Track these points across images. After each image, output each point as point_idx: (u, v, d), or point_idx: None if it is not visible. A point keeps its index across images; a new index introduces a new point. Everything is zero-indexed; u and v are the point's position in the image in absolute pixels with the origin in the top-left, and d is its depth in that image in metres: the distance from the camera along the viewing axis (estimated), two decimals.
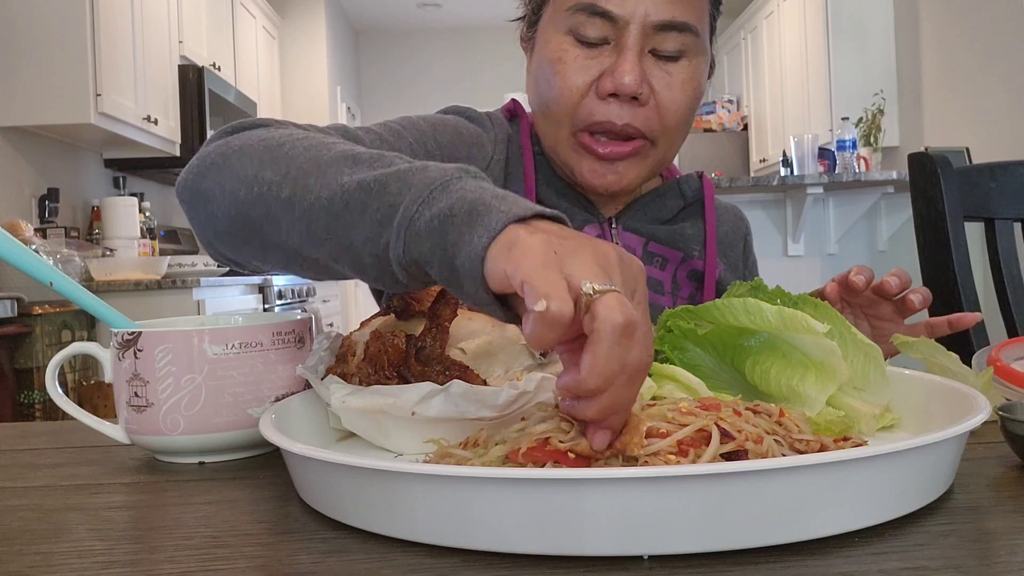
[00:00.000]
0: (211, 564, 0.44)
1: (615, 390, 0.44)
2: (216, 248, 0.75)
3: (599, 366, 0.43)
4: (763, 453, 0.47)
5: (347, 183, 0.59)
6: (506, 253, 0.47)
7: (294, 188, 0.62)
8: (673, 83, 0.91)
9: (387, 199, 0.56)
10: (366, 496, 0.47)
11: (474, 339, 0.65)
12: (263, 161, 0.67)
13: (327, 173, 0.61)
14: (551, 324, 0.43)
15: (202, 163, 0.73)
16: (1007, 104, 4.07)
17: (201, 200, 0.72)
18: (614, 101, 0.90)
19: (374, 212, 0.56)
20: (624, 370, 0.44)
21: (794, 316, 0.63)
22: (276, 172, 0.65)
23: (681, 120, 0.94)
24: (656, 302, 1.00)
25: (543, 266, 0.45)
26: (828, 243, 3.63)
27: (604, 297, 0.44)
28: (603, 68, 0.90)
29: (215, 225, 0.71)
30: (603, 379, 0.44)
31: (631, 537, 0.41)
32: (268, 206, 0.64)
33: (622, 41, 0.89)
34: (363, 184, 0.58)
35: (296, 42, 6.41)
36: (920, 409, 0.65)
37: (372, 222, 0.56)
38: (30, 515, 0.54)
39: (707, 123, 7.04)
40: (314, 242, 0.61)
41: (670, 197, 1.05)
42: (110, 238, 3.70)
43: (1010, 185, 1.36)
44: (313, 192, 0.61)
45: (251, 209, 0.66)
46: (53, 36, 3.24)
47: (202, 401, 0.66)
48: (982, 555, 0.42)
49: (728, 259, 1.10)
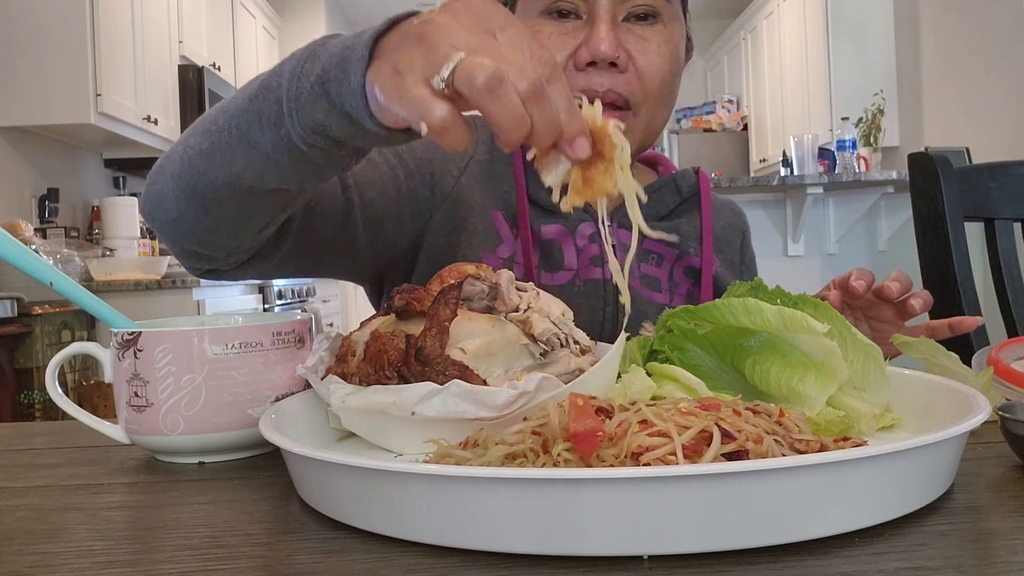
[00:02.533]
0: (211, 564, 0.44)
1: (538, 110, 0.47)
2: (182, 246, 0.79)
3: (504, 122, 0.46)
4: (763, 453, 0.47)
5: (240, 103, 0.63)
6: (371, 93, 0.51)
7: (207, 137, 0.67)
8: (649, 47, 0.92)
9: (271, 94, 0.59)
10: (366, 496, 0.47)
11: (474, 339, 0.65)
12: (185, 139, 0.71)
13: (228, 109, 0.66)
14: (443, 129, 0.47)
15: (150, 177, 0.77)
16: (1007, 104, 4.07)
17: (157, 204, 0.76)
18: (593, 70, 0.91)
19: (267, 112, 0.60)
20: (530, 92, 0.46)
21: (794, 316, 0.63)
22: (194, 135, 0.70)
23: (662, 84, 0.94)
24: (653, 299, 1.00)
25: (400, 95, 0.48)
26: (828, 243, 3.63)
27: (458, 72, 0.46)
28: (578, 42, 0.91)
29: (169, 215, 0.76)
30: (516, 124, 0.46)
31: (631, 537, 0.41)
32: (194, 164, 0.69)
33: (594, 12, 0.91)
34: (252, 96, 0.62)
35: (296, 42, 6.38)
36: (920, 409, 0.65)
37: (269, 121, 0.60)
38: (30, 515, 0.54)
39: (707, 123, 7.04)
40: (238, 171, 0.65)
41: (666, 193, 1.04)
42: (110, 238, 3.70)
43: (1010, 185, 1.36)
44: (222, 129, 0.65)
45: (186, 177, 0.70)
46: (53, 36, 3.24)
47: (202, 401, 0.66)
48: (982, 555, 0.42)
49: (725, 255, 1.10)
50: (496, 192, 0.98)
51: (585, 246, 0.98)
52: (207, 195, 0.70)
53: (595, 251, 0.98)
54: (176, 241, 0.79)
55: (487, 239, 0.95)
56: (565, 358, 0.67)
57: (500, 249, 0.95)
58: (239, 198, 0.69)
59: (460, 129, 0.47)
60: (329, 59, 0.55)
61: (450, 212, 0.95)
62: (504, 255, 0.95)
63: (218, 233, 0.76)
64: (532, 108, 0.46)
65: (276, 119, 0.59)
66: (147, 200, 0.78)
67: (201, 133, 0.68)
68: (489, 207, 0.97)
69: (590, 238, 0.98)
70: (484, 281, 0.69)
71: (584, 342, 0.70)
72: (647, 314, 0.96)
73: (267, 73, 0.63)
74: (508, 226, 0.97)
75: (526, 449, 0.50)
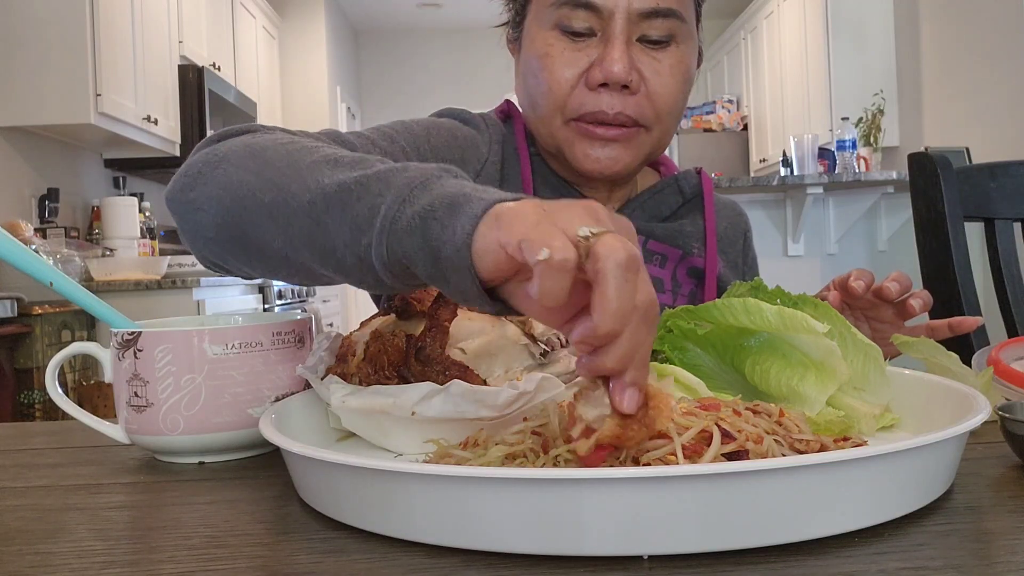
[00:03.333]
0: (211, 564, 0.44)
1: (631, 332, 0.42)
2: (205, 256, 0.74)
3: (611, 305, 0.41)
4: (763, 453, 0.47)
5: (327, 185, 0.58)
6: (495, 224, 0.47)
7: (276, 193, 0.62)
8: (662, 69, 0.91)
9: (367, 200, 0.55)
10: (366, 496, 0.47)
11: (474, 339, 0.65)
12: (246, 167, 0.66)
13: (308, 177, 0.61)
14: (558, 271, 0.42)
15: (188, 172, 0.72)
16: (1007, 104, 4.07)
17: (190, 209, 0.71)
18: (604, 91, 0.90)
19: (355, 214, 0.55)
20: (636, 308, 0.42)
21: (794, 316, 0.63)
22: (259, 177, 0.64)
23: (673, 106, 0.93)
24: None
25: (536, 224, 0.44)
26: (828, 243, 3.63)
27: (603, 237, 0.43)
28: (591, 60, 0.90)
29: (204, 233, 0.70)
30: (617, 319, 0.42)
31: (631, 537, 0.41)
32: (251, 212, 0.64)
33: (608, 31, 0.89)
34: (343, 186, 0.57)
35: (296, 42, 6.40)
36: (920, 409, 0.65)
37: (353, 224, 0.55)
38: (30, 515, 0.54)
39: (707, 123, 7.04)
40: (297, 246, 0.61)
41: (668, 194, 1.04)
42: (110, 238, 3.70)
43: (1010, 185, 1.36)
44: (295, 196, 0.60)
45: (235, 215, 0.65)
46: (53, 36, 3.24)
47: (202, 401, 0.66)
48: (982, 555, 0.42)
49: (728, 256, 1.10)
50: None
51: None
52: (253, 245, 0.65)
53: None
54: (200, 252, 0.74)
55: None
56: (565, 358, 0.67)
57: None
58: (286, 261, 0.64)
59: (563, 286, 0.42)
60: (440, 197, 0.52)
61: None
62: None
63: (249, 269, 0.71)
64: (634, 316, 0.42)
65: (363, 226, 0.55)
66: (179, 201, 0.72)
67: (263, 177, 0.64)
68: None
69: None
70: None
71: None
72: None
73: (369, 168, 0.58)
74: None
75: (526, 449, 0.50)
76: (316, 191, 0.59)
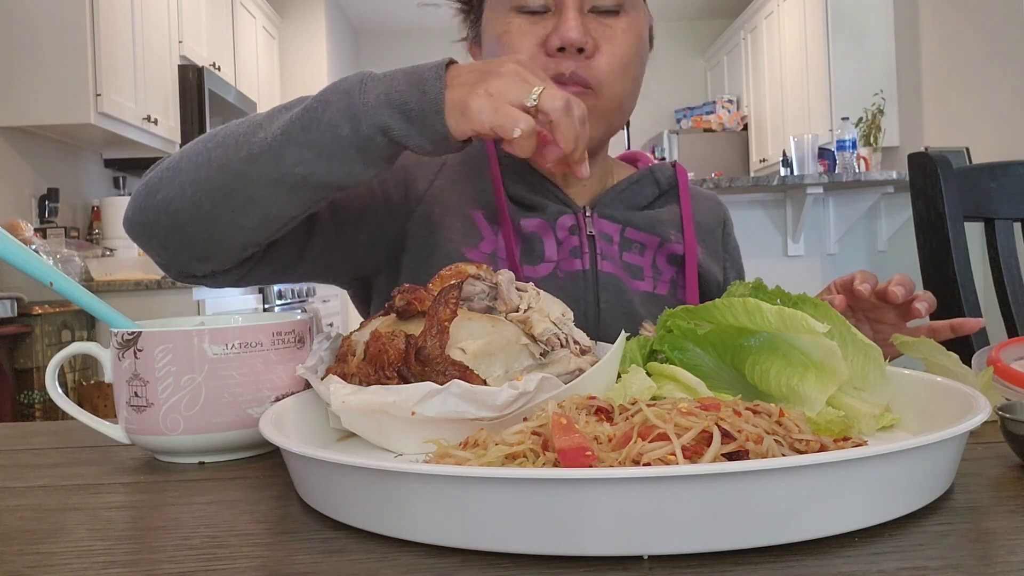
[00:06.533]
0: (211, 564, 0.44)
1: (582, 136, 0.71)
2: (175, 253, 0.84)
3: (568, 134, 0.70)
4: (763, 453, 0.47)
5: (292, 116, 0.75)
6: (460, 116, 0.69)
7: (249, 141, 0.76)
8: (615, 34, 0.96)
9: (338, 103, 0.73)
10: (366, 496, 0.47)
11: (474, 339, 0.65)
12: (210, 148, 0.79)
13: (272, 123, 0.76)
14: (527, 138, 0.68)
15: (148, 187, 0.83)
16: (1007, 104, 4.07)
17: (161, 212, 0.81)
18: (562, 56, 0.94)
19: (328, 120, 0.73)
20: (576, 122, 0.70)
21: (794, 316, 0.63)
22: (227, 147, 0.77)
23: (627, 65, 0.97)
24: (636, 287, 1.02)
25: (495, 110, 0.68)
26: (828, 243, 3.64)
27: (542, 96, 0.69)
28: (548, 31, 0.95)
29: (182, 223, 0.80)
30: (573, 140, 0.70)
31: (631, 537, 0.41)
32: (233, 168, 0.76)
33: (562, 3, 0.95)
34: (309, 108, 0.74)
35: (296, 42, 6.40)
36: (920, 409, 0.65)
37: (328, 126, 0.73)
38: (30, 515, 0.54)
39: (707, 123, 7.04)
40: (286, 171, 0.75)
41: (644, 185, 1.07)
42: (110, 238, 3.70)
43: (1010, 185, 1.36)
44: (269, 134, 0.75)
45: (218, 179, 0.77)
46: (53, 36, 3.24)
47: (202, 401, 0.66)
48: (982, 555, 0.42)
49: (707, 244, 1.11)
50: (473, 191, 1.01)
51: (565, 238, 1.00)
52: (240, 196, 0.77)
53: (575, 243, 1.00)
54: (173, 247, 0.84)
55: (467, 236, 0.98)
56: (565, 358, 0.67)
57: (483, 244, 0.98)
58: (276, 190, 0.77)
59: (533, 139, 0.68)
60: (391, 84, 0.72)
61: (427, 213, 0.99)
62: (487, 250, 0.98)
63: (236, 234, 0.81)
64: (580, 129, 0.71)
65: (343, 119, 0.72)
66: (146, 209, 0.82)
67: (234, 142, 0.77)
68: (467, 205, 1.00)
69: (570, 230, 1.00)
70: (484, 281, 0.70)
71: (584, 342, 0.70)
72: (631, 302, 0.99)
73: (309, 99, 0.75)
74: (488, 222, 0.99)
75: (526, 449, 0.50)
76: (287, 121, 0.75)
